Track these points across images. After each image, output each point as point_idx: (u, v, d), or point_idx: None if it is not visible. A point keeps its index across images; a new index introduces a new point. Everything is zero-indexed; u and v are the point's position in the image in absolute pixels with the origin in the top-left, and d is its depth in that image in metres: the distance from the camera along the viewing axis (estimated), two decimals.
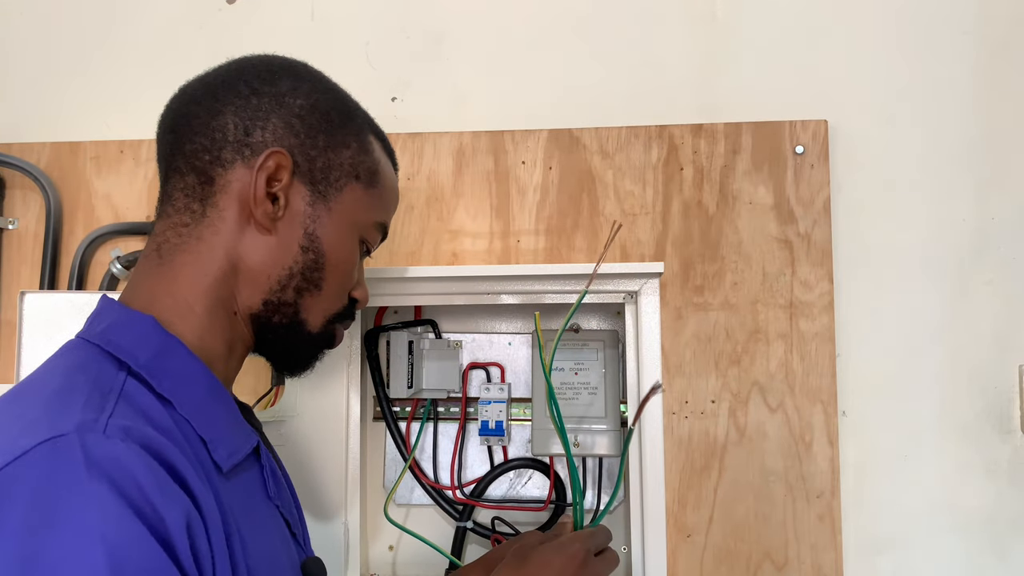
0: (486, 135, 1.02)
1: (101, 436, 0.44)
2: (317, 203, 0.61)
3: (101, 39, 1.13)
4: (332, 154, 0.61)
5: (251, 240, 0.59)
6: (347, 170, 0.62)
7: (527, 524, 1.01)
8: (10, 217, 1.06)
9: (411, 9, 1.10)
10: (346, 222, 0.63)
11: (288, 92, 0.60)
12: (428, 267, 0.98)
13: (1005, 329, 0.98)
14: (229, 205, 0.58)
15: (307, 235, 0.60)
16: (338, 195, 0.62)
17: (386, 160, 0.68)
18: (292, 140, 0.59)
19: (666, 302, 0.96)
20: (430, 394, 1.02)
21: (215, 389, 0.57)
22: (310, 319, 0.63)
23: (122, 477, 0.43)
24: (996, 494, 0.96)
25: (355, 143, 0.63)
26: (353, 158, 0.63)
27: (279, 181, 0.58)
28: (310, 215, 0.60)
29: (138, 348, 0.53)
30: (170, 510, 0.44)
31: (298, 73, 0.62)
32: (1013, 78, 1.01)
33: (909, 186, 1.01)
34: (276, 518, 0.60)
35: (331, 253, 0.62)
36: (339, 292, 0.65)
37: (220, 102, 0.59)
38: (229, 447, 0.55)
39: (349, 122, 0.63)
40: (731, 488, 0.94)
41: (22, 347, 0.88)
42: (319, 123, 0.61)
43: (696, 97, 1.05)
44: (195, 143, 0.58)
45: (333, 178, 0.62)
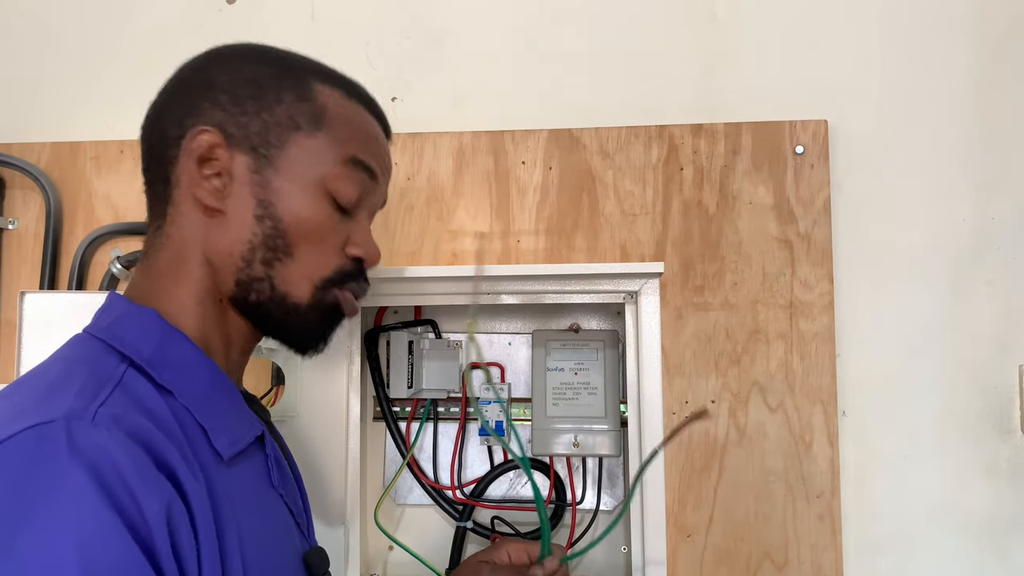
0: (486, 135, 1.02)
1: (88, 424, 0.45)
2: (263, 168, 0.58)
3: (101, 39, 1.13)
4: (265, 114, 0.59)
5: (209, 226, 0.58)
6: (285, 124, 0.59)
7: (527, 524, 1.01)
8: (10, 217, 1.07)
9: (411, 9, 1.10)
10: (300, 178, 0.59)
11: (214, 73, 0.60)
12: (428, 267, 0.98)
13: (1005, 329, 0.98)
14: (184, 199, 0.59)
15: (259, 203, 0.58)
16: (282, 153, 0.59)
17: (345, 103, 0.63)
18: (220, 115, 0.58)
19: (666, 302, 0.96)
20: (430, 394, 1.02)
21: (218, 379, 0.57)
22: (292, 290, 0.60)
23: (103, 465, 0.43)
24: (996, 494, 0.96)
25: (290, 95, 0.60)
26: (289, 110, 0.60)
27: (216, 159, 0.58)
28: (258, 182, 0.58)
29: (141, 341, 0.54)
30: (150, 499, 0.44)
31: (226, 54, 0.62)
32: (1012, 78, 1.01)
33: (909, 186, 1.01)
34: (279, 507, 0.61)
35: (288, 215, 0.59)
36: (319, 253, 0.60)
37: (162, 106, 0.61)
38: (231, 435, 0.55)
39: (282, 78, 0.60)
40: (731, 488, 0.94)
41: (22, 347, 0.88)
42: (246, 89, 0.59)
43: (696, 97, 1.05)
44: (151, 152, 0.61)
45: (273, 137, 0.59)
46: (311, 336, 0.64)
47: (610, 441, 0.97)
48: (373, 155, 0.64)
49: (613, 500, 1.01)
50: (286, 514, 0.62)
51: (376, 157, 0.64)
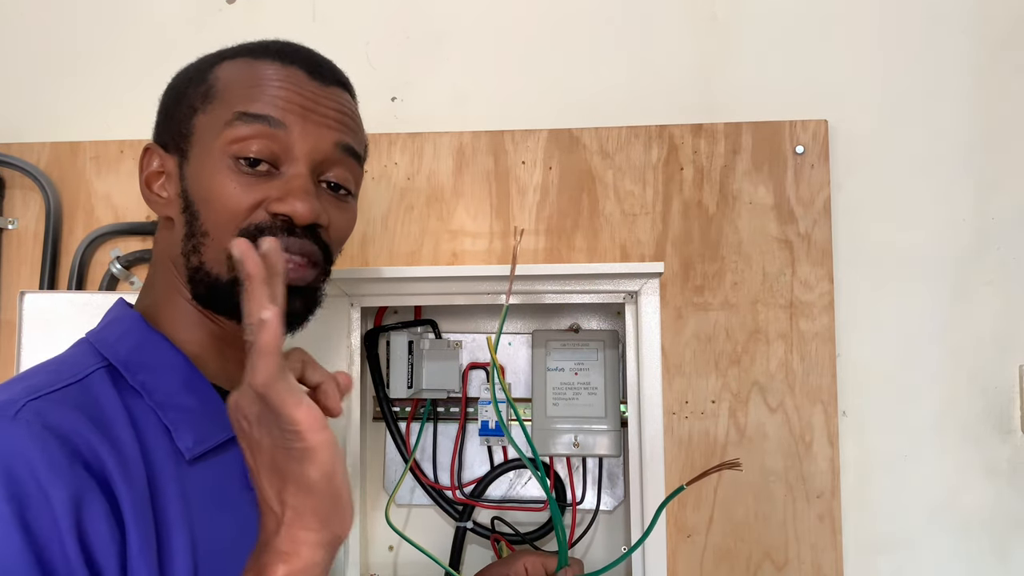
0: (486, 135, 1.02)
1: (8, 418, 0.47)
2: (183, 162, 0.60)
3: (101, 39, 1.13)
4: (176, 111, 0.62)
5: (169, 235, 0.62)
6: (188, 112, 0.61)
7: (527, 524, 1.01)
8: (10, 217, 1.06)
9: (411, 9, 1.10)
10: (202, 156, 0.59)
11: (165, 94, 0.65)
12: (428, 267, 0.98)
13: (1005, 329, 0.98)
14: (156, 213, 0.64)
15: (181, 196, 0.60)
16: (189, 139, 0.60)
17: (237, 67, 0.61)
18: (158, 131, 0.64)
19: (666, 302, 0.96)
20: (430, 394, 1.02)
21: (193, 380, 0.59)
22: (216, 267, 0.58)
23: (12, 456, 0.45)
24: (996, 494, 0.96)
25: (192, 88, 0.61)
26: (190, 99, 0.61)
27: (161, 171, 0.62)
28: (182, 176, 0.60)
29: (120, 343, 0.58)
30: (57, 488, 0.46)
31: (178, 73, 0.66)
32: (1013, 78, 1.01)
33: (909, 186, 1.01)
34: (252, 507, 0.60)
35: (199, 196, 0.58)
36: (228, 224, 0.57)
37: None
38: (196, 435, 0.56)
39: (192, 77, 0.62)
40: (731, 488, 0.94)
41: (22, 347, 0.88)
42: (171, 99, 0.64)
43: (696, 97, 1.05)
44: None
45: (183, 129, 0.61)
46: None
47: (610, 441, 0.97)
48: (268, 101, 0.59)
49: (613, 500, 1.01)
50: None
51: (273, 102, 0.59)
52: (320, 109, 0.61)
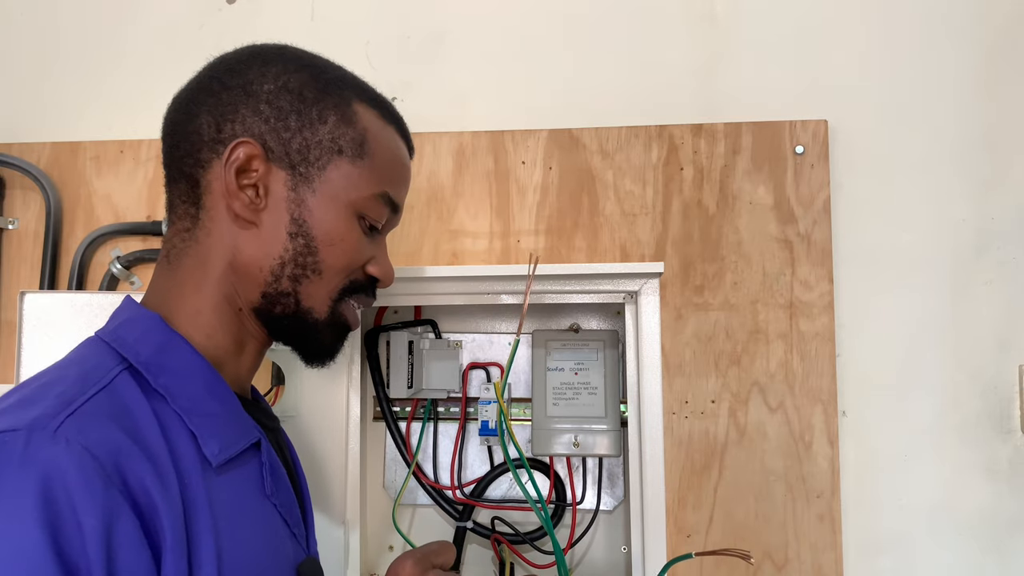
0: (486, 135, 1.02)
1: (48, 436, 0.46)
2: (300, 186, 0.59)
3: (101, 39, 1.13)
4: (308, 132, 0.59)
5: (240, 236, 0.59)
6: (327, 146, 0.60)
7: (527, 524, 1.01)
8: (10, 217, 1.07)
9: (411, 9, 1.10)
10: (335, 200, 0.60)
11: (255, 79, 0.59)
12: (428, 267, 0.98)
13: (1005, 329, 0.98)
14: (215, 204, 0.59)
15: (293, 221, 0.59)
16: (321, 174, 0.60)
17: (382, 128, 0.64)
18: (262, 127, 0.58)
19: (666, 302, 0.96)
20: (430, 394, 1.02)
21: (214, 385, 0.58)
22: (315, 306, 0.61)
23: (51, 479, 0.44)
24: (996, 494, 0.96)
25: (333, 116, 0.60)
26: (333, 132, 0.60)
27: (254, 171, 0.58)
28: (294, 199, 0.59)
29: (141, 344, 0.55)
30: (90, 516, 0.45)
31: (266, 58, 0.61)
32: (1013, 78, 1.01)
33: (909, 186, 1.01)
34: (272, 516, 0.60)
35: (322, 235, 0.60)
36: (341, 272, 0.62)
37: (196, 104, 0.59)
38: (221, 442, 0.55)
39: (325, 96, 0.60)
40: (731, 488, 0.94)
41: (22, 347, 0.88)
42: (289, 103, 0.59)
43: (696, 97, 1.05)
44: (180, 149, 0.60)
45: (313, 157, 0.59)
46: (325, 350, 0.66)
47: (610, 441, 0.97)
48: (402, 187, 0.67)
49: (613, 500, 1.01)
50: (279, 524, 0.61)
51: (403, 192, 0.67)
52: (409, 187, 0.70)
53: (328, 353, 0.66)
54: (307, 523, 0.68)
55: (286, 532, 0.61)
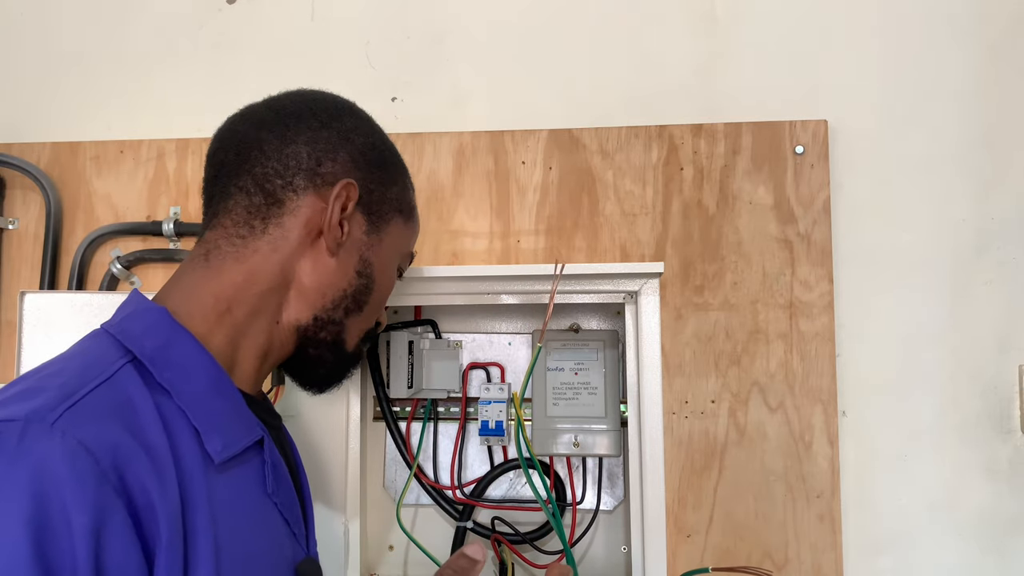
0: (486, 135, 1.02)
1: (45, 428, 0.46)
2: (371, 232, 0.67)
3: (101, 39, 1.13)
4: (385, 189, 0.68)
5: (313, 261, 0.63)
6: (394, 204, 0.69)
7: (527, 524, 1.01)
8: (10, 217, 1.07)
9: (411, 9, 1.10)
10: (391, 251, 0.70)
11: (352, 129, 0.66)
12: (428, 267, 0.98)
13: (1005, 329, 0.98)
14: (295, 227, 0.62)
15: (362, 261, 0.66)
16: (386, 226, 0.68)
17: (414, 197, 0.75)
18: (357, 173, 0.65)
19: (666, 302, 0.96)
20: (430, 394, 1.02)
21: (219, 382, 0.57)
22: (349, 339, 0.68)
23: (44, 472, 0.44)
24: (996, 494, 0.96)
25: (401, 180, 0.71)
26: (399, 194, 0.70)
27: (346, 210, 0.64)
28: (366, 243, 0.66)
29: (146, 337, 0.55)
30: (79, 512, 0.44)
31: (357, 113, 0.69)
32: (1013, 78, 1.01)
33: (909, 186, 1.01)
34: (272, 515, 0.60)
35: (379, 279, 0.69)
36: (374, 314, 0.71)
37: (292, 131, 0.63)
38: (224, 439, 0.55)
39: (396, 162, 0.71)
40: (731, 488, 0.94)
41: (22, 347, 0.88)
42: (377, 159, 0.67)
43: (696, 97, 1.05)
44: (267, 167, 0.62)
45: (384, 211, 0.68)
46: (333, 379, 0.73)
47: (610, 441, 0.97)
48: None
49: (613, 500, 1.01)
50: (279, 523, 0.61)
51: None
52: None
53: (335, 383, 0.73)
54: (307, 523, 0.68)
55: (286, 531, 0.62)
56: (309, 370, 0.69)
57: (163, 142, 1.06)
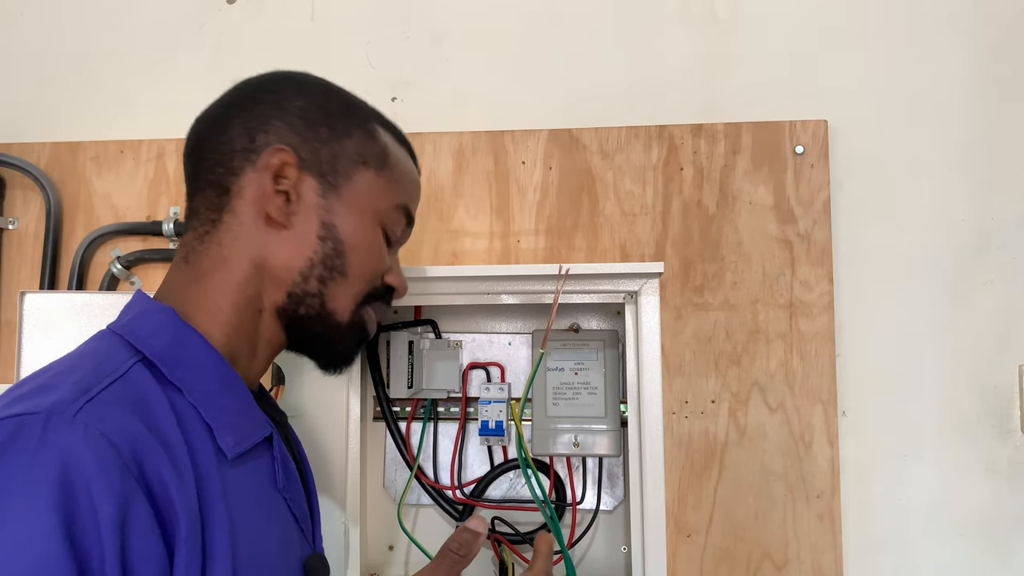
0: (486, 135, 1.02)
1: (67, 420, 0.46)
2: (328, 193, 0.63)
3: (101, 39, 1.13)
4: (336, 144, 0.63)
5: (270, 238, 0.61)
6: (354, 157, 0.64)
7: (527, 524, 1.01)
8: (10, 217, 1.07)
9: (411, 9, 1.10)
10: (361, 207, 0.64)
11: (288, 96, 0.63)
12: (428, 267, 0.98)
13: (1005, 329, 0.98)
14: (245, 209, 0.61)
15: (323, 225, 0.62)
16: (348, 183, 0.63)
17: (398, 148, 0.69)
18: (294, 138, 0.62)
19: (666, 302, 0.96)
20: (430, 394, 1.02)
21: (228, 379, 0.58)
22: (338, 308, 0.64)
23: (68, 463, 0.45)
24: (996, 494, 0.96)
25: (358, 131, 0.65)
26: (358, 145, 0.65)
27: (286, 177, 0.61)
28: (323, 205, 0.62)
29: (154, 337, 0.56)
30: (105, 502, 0.45)
31: (298, 80, 0.66)
32: (1013, 78, 1.01)
33: (909, 186, 1.01)
34: (282, 510, 0.61)
35: (349, 239, 0.63)
36: (366, 276, 0.66)
37: (227, 117, 0.63)
38: (236, 435, 0.56)
39: (350, 114, 0.65)
40: (731, 488, 0.94)
41: (22, 347, 0.88)
42: (319, 117, 0.63)
43: (696, 97, 1.05)
44: (209, 160, 0.62)
45: (341, 167, 0.63)
46: (343, 355, 0.69)
47: (610, 441, 0.97)
48: (415, 203, 0.72)
49: (613, 500, 1.01)
50: (289, 518, 0.61)
51: (416, 206, 0.72)
52: None
53: (345, 359, 0.69)
54: (314, 519, 0.68)
55: (295, 527, 0.62)
56: (315, 350, 0.67)
57: (163, 142, 1.06)
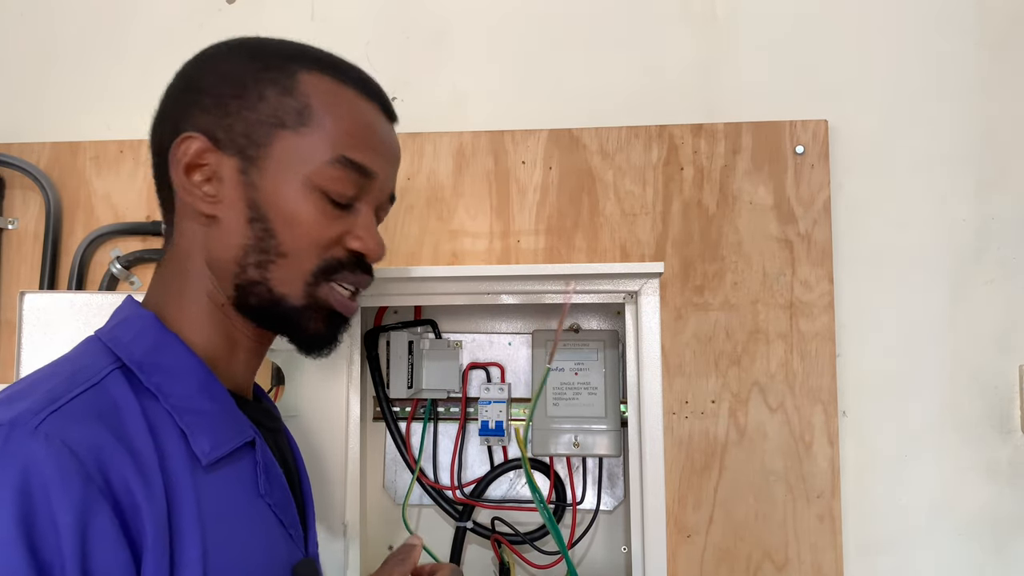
0: (486, 135, 1.02)
1: (28, 432, 0.46)
2: (249, 168, 0.57)
3: (101, 39, 1.13)
4: (248, 113, 0.57)
5: (207, 232, 0.59)
6: (268, 121, 0.57)
7: (527, 524, 1.01)
8: (10, 217, 1.06)
9: (411, 9, 1.10)
10: (286, 176, 0.57)
11: (198, 75, 0.60)
12: (428, 267, 0.98)
13: (1005, 329, 0.98)
14: (182, 206, 0.59)
15: (249, 206, 0.57)
16: (266, 150, 0.57)
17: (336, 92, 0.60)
18: (206, 119, 0.57)
19: (666, 302, 0.96)
20: (430, 394, 1.02)
21: (208, 383, 0.58)
22: (289, 292, 0.59)
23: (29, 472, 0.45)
24: (996, 494, 0.96)
25: (271, 90, 0.58)
26: (272, 106, 0.57)
27: (205, 164, 0.57)
28: (245, 184, 0.57)
29: (135, 344, 0.56)
30: (65, 511, 0.45)
31: (209, 54, 0.61)
32: (1013, 78, 1.01)
33: (909, 186, 1.01)
34: (267, 516, 0.60)
35: (278, 216, 0.57)
36: (308, 249, 0.59)
37: (161, 112, 0.61)
38: (212, 440, 0.55)
39: (263, 72, 0.58)
40: (731, 488, 0.94)
41: (22, 347, 0.88)
42: (229, 90, 0.58)
43: (696, 97, 1.05)
44: (155, 158, 0.61)
45: (256, 137, 0.57)
46: (317, 338, 0.63)
47: (610, 441, 0.97)
48: (367, 149, 0.60)
49: (613, 500, 1.01)
50: (275, 524, 0.60)
51: (371, 150, 0.61)
52: (395, 157, 0.66)
53: (323, 341, 0.63)
54: (307, 524, 0.68)
55: (281, 532, 0.61)
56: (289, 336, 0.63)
57: None
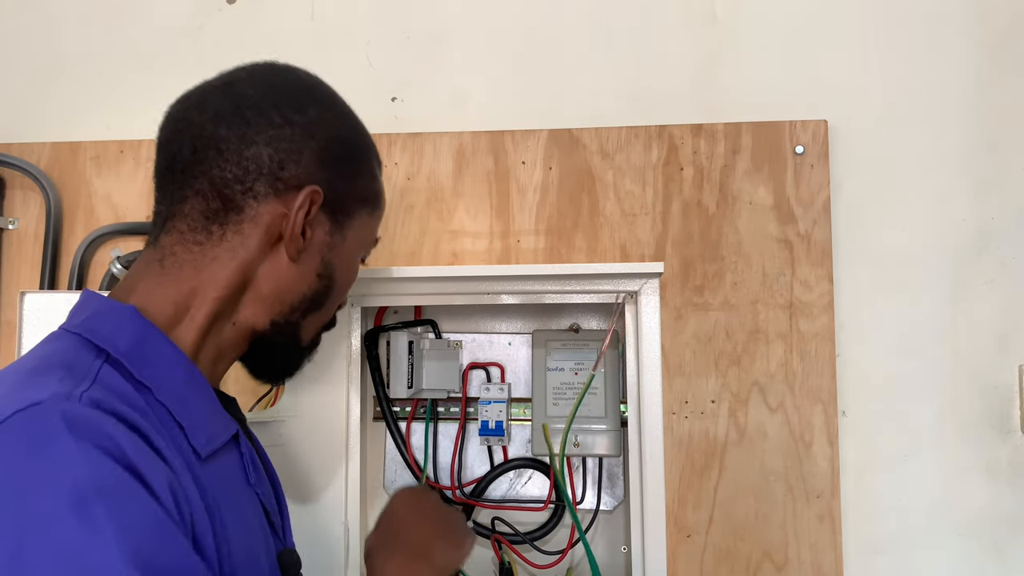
0: (486, 135, 1.02)
1: (77, 404, 0.45)
2: (335, 232, 0.63)
3: (102, 39, 1.13)
4: (351, 184, 0.64)
5: (272, 266, 0.60)
6: (359, 197, 0.65)
7: (527, 524, 1.01)
8: (10, 217, 1.06)
9: (411, 9, 1.10)
10: (354, 246, 0.66)
11: (316, 122, 0.61)
12: (428, 267, 0.98)
13: (1005, 329, 0.98)
14: (254, 233, 0.58)
15: (324, 263, 0.63)
16: (350, 221, 0.64)
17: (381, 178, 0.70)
18: (322, 174, 0.60)
19: (666, 302, 0.96)
20: (430, 394, 1.02)
21: (194, 378, 0.57)
22: (305, 335, 0.66)
23: (103, 438, 0.44)
24: (996, 494, 0.96)
25: (367, 169, 0.66)
26: (365, 186, 0.66)
27: (310, 215, 0.60)
28: (328, 243, 0.63)
29: (117, 336, 0.53)
30: (154, 474, 0.45)
31: (323, 102, 0.63)
32: (1013, 78, 1.01)
33: (909, 186, 1.01)
34: (255, 505, 0.61)
35: (341, 277, 0.65)
36: (333, 308, 0.67)
37: (252, 130, 0.58)
38: (208, 432, 0.55)
39: (366, 151, 0.66)
40: (731, 488, 0.94)
41: (22, 347, 0.88)
42: (344, 155, 0.63)
43: (696, 97, 1.05)
44: (225, 171, 0.58)
45: (348, 207, 0.64)
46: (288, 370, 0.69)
47: (610, 441, 0.97)
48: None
49: (613, 500, 1.01)
50: (261, 513, 0.62)
51: None
52: None
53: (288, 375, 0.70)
54: (283, 514, 0.69)
55: (266, 521, 0.63)
56: (263, 365, 0.67)
57: None
